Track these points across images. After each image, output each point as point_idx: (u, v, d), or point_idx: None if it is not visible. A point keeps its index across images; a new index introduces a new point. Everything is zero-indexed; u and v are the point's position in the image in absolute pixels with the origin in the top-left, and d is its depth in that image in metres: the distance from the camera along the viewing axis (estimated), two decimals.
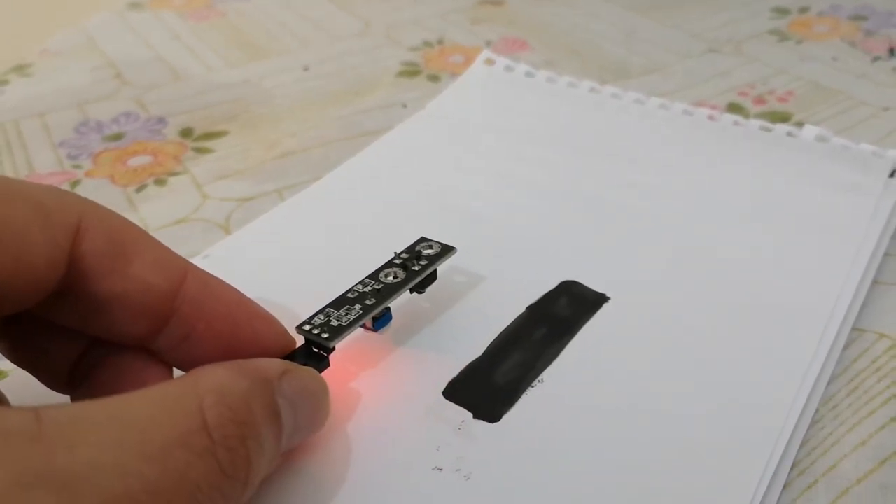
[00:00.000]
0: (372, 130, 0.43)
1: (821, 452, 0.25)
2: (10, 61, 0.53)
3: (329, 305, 0.25)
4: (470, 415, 0.25)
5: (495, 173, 0.37)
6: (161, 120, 0.46)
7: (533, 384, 0.27)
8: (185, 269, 0.22)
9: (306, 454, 0.24)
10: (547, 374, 0.27)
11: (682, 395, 0.26)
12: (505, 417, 0.25)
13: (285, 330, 0.24)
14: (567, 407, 0.26)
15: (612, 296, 0.30)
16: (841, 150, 0.37)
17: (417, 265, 0.27)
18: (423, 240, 0.29)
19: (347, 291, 0.26)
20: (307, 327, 0.24)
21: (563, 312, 0.29)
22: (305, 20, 0.59)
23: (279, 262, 0.33)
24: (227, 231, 0.36)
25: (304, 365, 0.23)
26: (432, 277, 0.28)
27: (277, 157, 0.41)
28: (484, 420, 0.25)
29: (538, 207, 0.35)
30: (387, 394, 0.26)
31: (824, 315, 0.29)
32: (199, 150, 0.43)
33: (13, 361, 0.23)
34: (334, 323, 0.24)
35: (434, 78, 0.49)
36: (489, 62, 0.47)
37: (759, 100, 0.45)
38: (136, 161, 0.42)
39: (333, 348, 0.24)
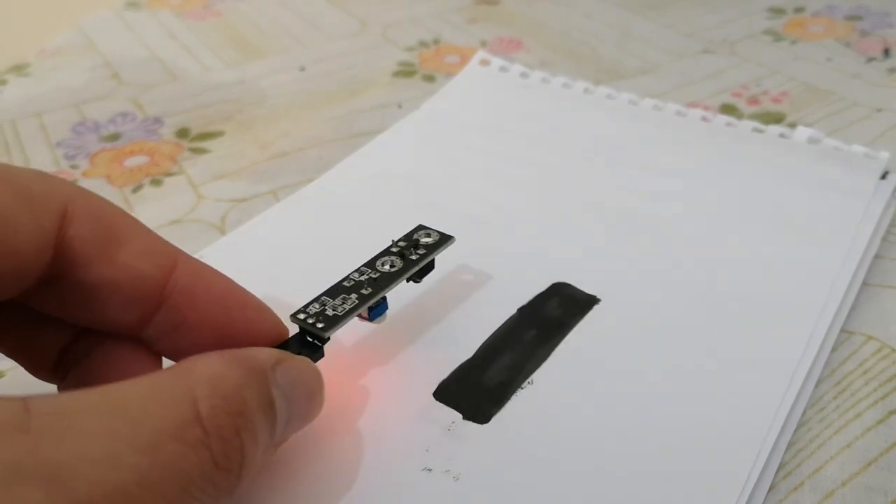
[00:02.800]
0: (367, 131, 0.43)
1: (807, 454, 0.25)
2: (8, 61, 0.53)
3: (324, 294, 0.25)
4: (460, 416, 0.26)
5: (489, 174, 0.38)
6: (157, 120, 0.46)
7: (523, 385, 0.27)
8: (176, 257, 0.22)
9: (297, 454, 0.24)
10: (537, 376, 0.27)
11: (670, 395, 0.26)
12: (494, 419, 0.26)
13: (278, 319, 0.24)
14: (556, 408, 0.26)
15: (603, 297, 0.30)
16: (833, 152, 0.37)
17: (415, 254, 0.27)
18: (420, 227, 0.28)
19: (343, 280, 0.25)
20: (302, 316, 0.24)
21: (553, 314, 0.30)
22: (302, 20, 0.59)
23: (273, 263, 0.33)
24: (223, 232, 0.36)
25: (299, 354, 0.23)
26: (430, 267, 0.27)
27: (272, 157, 0.42)
28: (473, 421, 0.26)
29: (532, 208, 0.35)
30: (377, 395, 0.26)
31: (813, 316, 0.29)
32: (195, 151, 0.43)
33: None
34: (329, 312, 0.24)
35: (429, 78, 0.49)
36: (484, 63, 0.47)
37: (753, 100, 0.46)
38: (133, 161, 0.42)
39: (328, 338, 0.24)
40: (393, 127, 0.42)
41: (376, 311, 0.26)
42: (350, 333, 0.28)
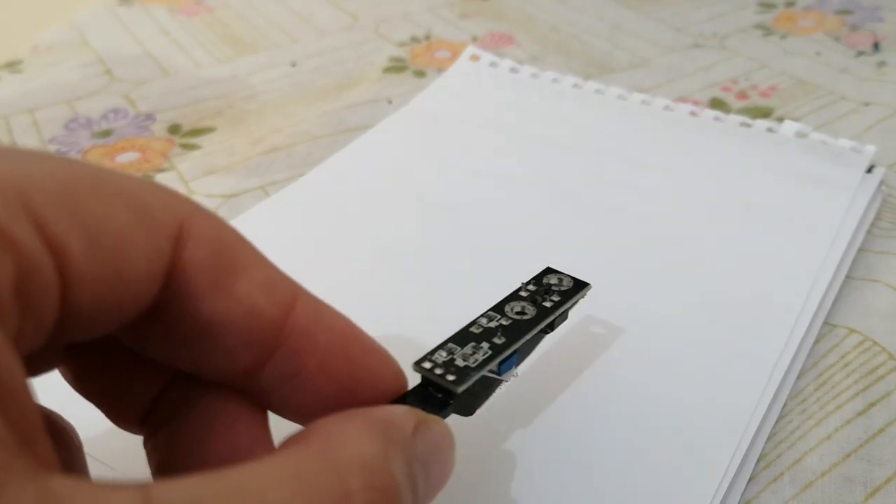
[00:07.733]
0: (357, 126, 0.43)
1: (787, 446, 0.25)
2: (1, 57, 0.53)
3: (450, 340, 0.22)
4: None
5: (477, 169, 0.38)
6: (149, 116, 0.46)
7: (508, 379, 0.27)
8: (296, 293, 0.18)
9: None
10: (522, 369, 0.27)
11: (653, 387, 0.27)
12: (478, 411, 0.26)
13: (399, 367, 0.20)
14: (541, 401, 0.26)
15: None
16: (819, 146, 0.37)
17: (549, 301, 0.24)
18: (549, 270, 0.26)
19: (471, 325, 0.23)
20: (427, 365, 0.20)
21: None
22: (294, 15, 0.59)
23: None
24: None
25: (422, 410, 0.19)
26: (563, 316, 0.25)
27: (262, 153, 0.42)
28: (457, 414, 0.26)
29: (519, 203, 0.36)
30: None
31: (796, 309, 0.29)
32: (186, 147, 0.43)
33: (79, 393, 0.20)
34: (459, 363, 0.21)
35: (420, 73, 0.50)
36: (474, 58, 0.47)
37: (742, 95, 0.46)
38: (124, 158, 0.42)
39: (459, 394, 0.20)
40: (382, 122, 0.42)
41: (506, 363, 0.23)
42: None
